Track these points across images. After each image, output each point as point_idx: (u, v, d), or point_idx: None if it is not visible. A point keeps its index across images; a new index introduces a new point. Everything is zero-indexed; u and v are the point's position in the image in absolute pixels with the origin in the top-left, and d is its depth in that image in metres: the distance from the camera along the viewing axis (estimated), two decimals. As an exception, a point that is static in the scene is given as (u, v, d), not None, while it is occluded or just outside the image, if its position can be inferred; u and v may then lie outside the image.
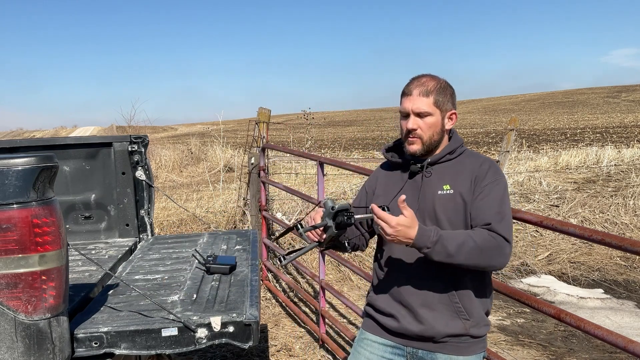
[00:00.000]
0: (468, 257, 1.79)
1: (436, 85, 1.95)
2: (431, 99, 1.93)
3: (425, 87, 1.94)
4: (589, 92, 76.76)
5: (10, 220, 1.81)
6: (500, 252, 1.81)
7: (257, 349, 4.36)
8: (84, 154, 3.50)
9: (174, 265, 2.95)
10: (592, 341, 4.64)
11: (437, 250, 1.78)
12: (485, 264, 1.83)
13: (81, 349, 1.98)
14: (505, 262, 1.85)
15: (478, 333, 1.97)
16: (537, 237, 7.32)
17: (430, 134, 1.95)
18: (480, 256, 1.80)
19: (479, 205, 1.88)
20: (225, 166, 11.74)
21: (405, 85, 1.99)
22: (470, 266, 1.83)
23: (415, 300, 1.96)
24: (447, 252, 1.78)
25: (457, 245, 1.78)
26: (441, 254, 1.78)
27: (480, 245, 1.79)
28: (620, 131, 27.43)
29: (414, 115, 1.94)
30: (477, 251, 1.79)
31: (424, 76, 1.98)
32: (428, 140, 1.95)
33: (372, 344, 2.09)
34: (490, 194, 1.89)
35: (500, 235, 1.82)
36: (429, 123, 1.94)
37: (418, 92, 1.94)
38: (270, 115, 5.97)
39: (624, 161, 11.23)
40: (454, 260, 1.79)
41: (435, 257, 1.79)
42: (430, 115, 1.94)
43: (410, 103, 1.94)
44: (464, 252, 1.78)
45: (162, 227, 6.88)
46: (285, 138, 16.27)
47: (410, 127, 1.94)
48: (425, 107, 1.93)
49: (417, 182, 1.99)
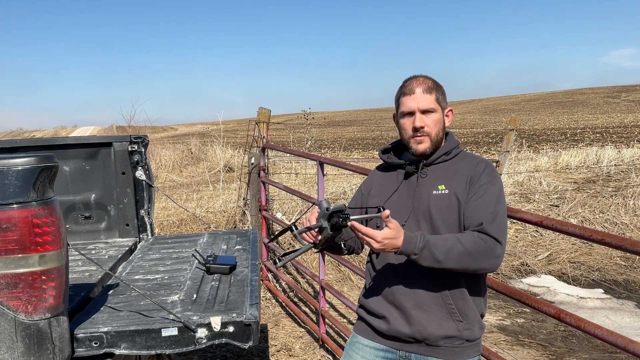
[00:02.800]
0: (457, 261, 1.79)
1: (434, 83, 1.98)
2: (434, 96, 1.96)
3: (426, 85, 1.96)
4: (589, 92, 76.76)
5: (10, 220, 1.81)
6: (491, 254, 1.81)
7: (257, 349, 4.36)
8: (84, 154, 3.50)
9: (174, 265, 2.95)
10: (592, 341, 4.64)
11: (424, 256, 1.78)
12: (476, 267, 1.82)
13: (81, 349, 1.98)
14: (497, 264, 1.84)
15: (472, 336, 1.94)
16: (537, 237, 7.33)
17: (436, 131, 1.96)
18: (469, 260, 1.79)
19: (473, 205, 1.88)
20: (225, 166, 11.74)
21: (403, 86, 1.99)
22: (461, 270, 1.83)
23: (407, 301, 1.94)
24: (435, 257, 1.78)
25: (446, 250, 1.78)
26: (428, 259, 1.78)
27: (469, 249, 1.79)
28: (620, 131, 27.43)
29: (420, 113, 1.95)
30: (466, 255, 1.79)
31: (420, 76, 2.00)
32: (435, 137, 1.96)
33: (364, 347, 2.07)
34: (484, 195, 1.88)
35: (491, 236, 1.81)
36: (435, 120, 1.96)
37: (421, 89, 1.95)
38: (270, 115, 5.97)
39: (624, 161, 11.22)
40: (443, 265, 1.80)
41: (423, 262, 1.79)
42: (435, 112, 1.96)
43: (414, 102, 1.95)
44: (453, 257, 1.78)
45: (162, 227, 6.88)
46: (285, 138, 16.27)
47: (419, 124, 1.94)
48: (431, 104, 1.95)
49: (412, 182, 1.99)
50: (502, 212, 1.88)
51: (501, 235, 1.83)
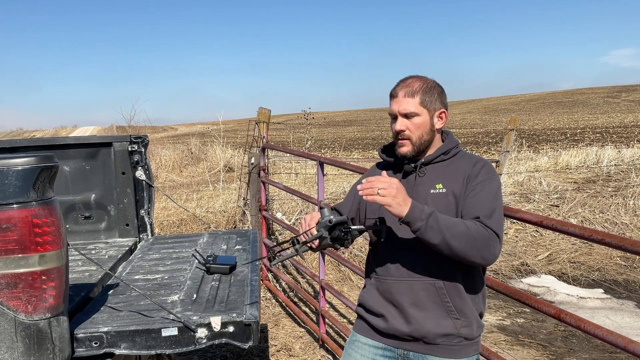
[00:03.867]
0: (460, 241, 1.77)
1: (422, 85, 1.96)
2: (417, 99, 1.94)
3: (410, 88, 1.95)
4: (589, 92, 76.75)
5: (10, 220, 1.81)
6: (490, 244, 1.80)
7: (257, 349, 4.36)
8: (84, 154, 3.50)
9: (174, 265, 2.95)
10: (592, 341, 4.64)
11: (430, 225, 1.76)
12: (475, 254, 1.80)
13: (81, 349, 1.98)
14: (494, 257, 1.83)
15: (470, 334, 1.94)
16: (537, 237, 7.33)
17: (419, 134, 1.96)
18: (471, 243, 1.77)
19: (470, 202, 1.88)
20: (225, 166, 11.74)
21: (392, 88, 2.00)
22: (460, 254, 1.79)
23: (405, 299, 1.95)
24: (440, 228, 1.76)
25: (451, 224, 1.78)
26: (434, 229, 1.76)
27: (472, 232, 1.78)
28: (620, 131, 27.43)
29: (400, 117, 1.96)
30: (469, 237, 1.77)
31: (410, 78, 2.00)
32: (417, 140, 1.96)
33: (363, 346, 2.07)
34: (481, 192, 1.88)
35: (491, 228, 1.81)
36: (417, 123, 1.95)
37: (403, 93, 1.95)
38: (270, 115, 5.97)
39: (624, 161, 11.23)
40: (446, 240, 1.76)
41: (429, 232, 1.76)
42: (417, 115, 1.94)
43: (396, 105, 1.96)
44: (457, 235, 1.76)
45: (162, 227, 6.88)
46: (285, 138, 16.27)
47: (398, 128, 1.96)
48: (412, 108, 1.94)
49: (410, 181, 2.00)
50: (499, 209, 1.88)
51: (499, 230, 1.83)
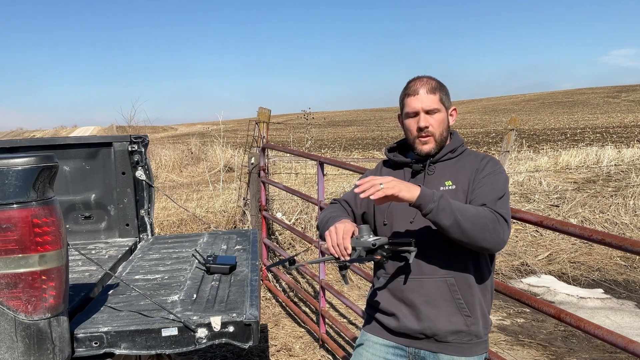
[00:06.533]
0: (471, 222, 1.76)
1: (438, 83, 2.00)
2: (437, 96, 1.97)
3: (430, 85, 1.98)
4: (589, 92, 76.76)
5: (10, 220, 1.81)
6: (499, 228, 1.79)
7: (257, 349, 4.36)
8: (84, 154, 3.50)
9: (174, 265, 2.95)
10: (592, 341, 4.64)
11: (441, 207, 1.75)
12: (486, 237, 1.78)
13: (81, 348, 1.98)
14: (503, 242, 1.83)
15: (479, 332, 1.97)
16: (537, 237, 7.33)
17: (440, 131, 1.98)
18: (482, 224, 1.77)
19: (478, 192, 1.89)
20: (225, 166, 11.74)
21: (407, 87, 2.01)
22: (471, 236, 1.78)
23: (417, 297, 1.96)
24: (452, 210, 1.75)
25: (462, 207, 1.79)
26: (446, 212, 1.75)
27: (481, 214, 1.78)
28: (620, 131, 27.43)
29: (424, 113, 1.96)
30: (479, 218, 1.77)
31: (423, 77, 2.02)
32: (439, 137, 1.98)
33: (373, 345, 2.08)
34: (487, 184, 1.90)
35: (499, 213, 1.81)
36: (439, 120, 1.97)
37: (425, 90, 1.97)
38: (270, 115, 5.97)
39: (624, 161, 11.22)
40: (458, 222, 1.75)
41: (440, 214, 1.75)
42: (439, 111, 1.97)
43: (419, 102, 1.96)
44: (468, 216, 1.76)
45: (162, 227, 6.88)
46: (285, 138, 16.28)
47: (423, 124, 1.95)
48: (435, 104, 1.96)
49: (419, 180, 2.01)
50: (506, 198, 1.90)
51: (507, 215, 1.84)
